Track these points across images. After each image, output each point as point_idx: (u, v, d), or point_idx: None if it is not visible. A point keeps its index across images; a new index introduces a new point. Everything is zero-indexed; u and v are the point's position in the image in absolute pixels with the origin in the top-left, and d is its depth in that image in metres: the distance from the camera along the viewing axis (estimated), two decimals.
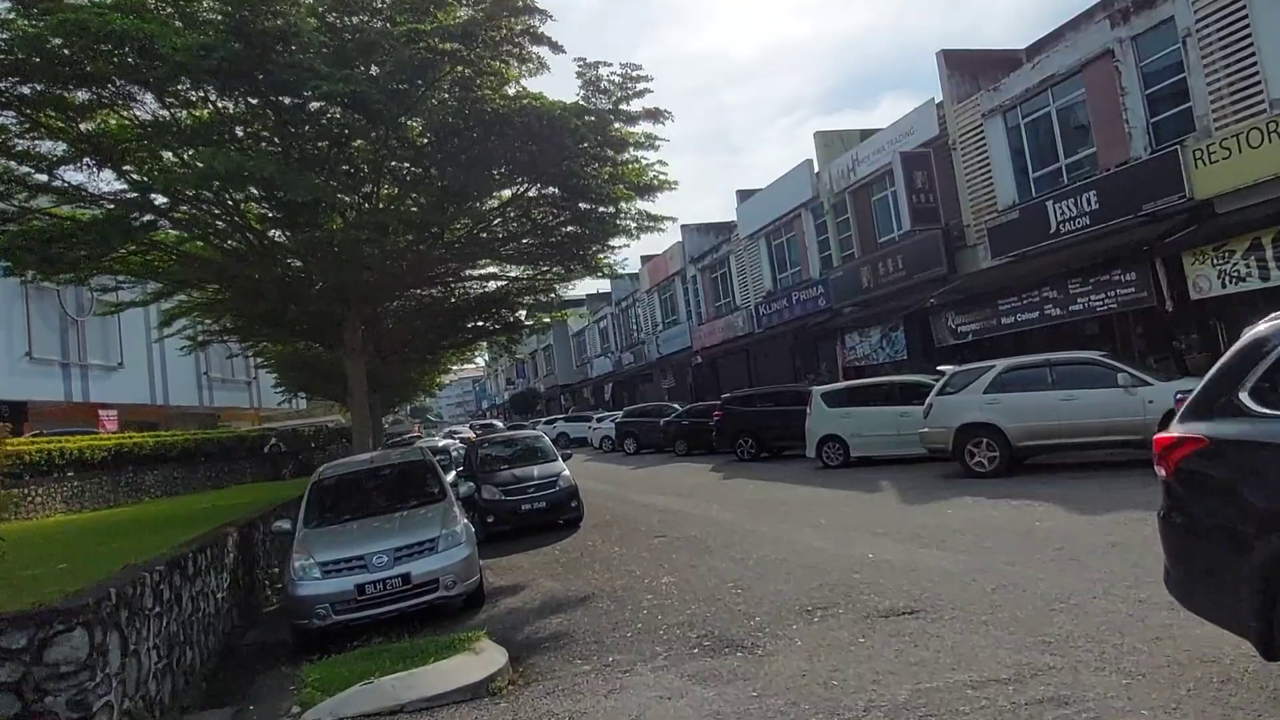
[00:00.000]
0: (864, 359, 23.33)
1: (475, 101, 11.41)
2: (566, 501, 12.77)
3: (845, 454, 16.30)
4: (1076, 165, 17.29)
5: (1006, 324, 18.03)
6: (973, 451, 12.54)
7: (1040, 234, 17.26)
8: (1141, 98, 15.56)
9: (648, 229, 15.70)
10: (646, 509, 13.87)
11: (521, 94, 11.77)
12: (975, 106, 19.44)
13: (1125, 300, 15.19)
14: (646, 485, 17.82)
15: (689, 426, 25.13)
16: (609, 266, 17.60)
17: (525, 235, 17.46)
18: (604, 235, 15.28)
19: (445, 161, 12.25)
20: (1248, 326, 4.07)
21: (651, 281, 42.11)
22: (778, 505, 12.24)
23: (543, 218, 16.02)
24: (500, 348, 26.30)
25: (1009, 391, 12.35)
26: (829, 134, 26.34)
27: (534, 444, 14.54)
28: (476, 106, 11.37)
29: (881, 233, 23.69)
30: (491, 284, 22.20)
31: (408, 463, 9.71)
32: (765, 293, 30.43)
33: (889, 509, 10.74)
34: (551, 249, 17.88)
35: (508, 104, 11.47)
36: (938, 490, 11.74)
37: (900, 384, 16.20)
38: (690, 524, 11.63)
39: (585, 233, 17.19)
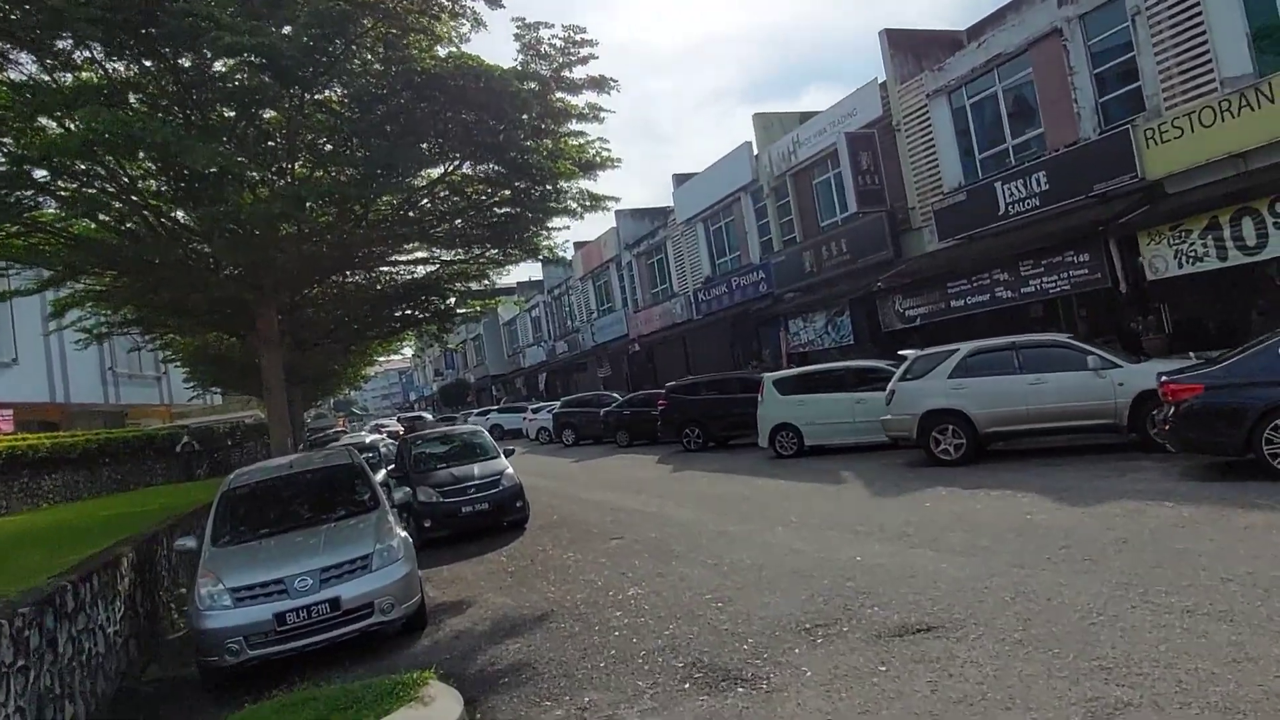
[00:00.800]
0: (808, 345, 22.87)
1: (402, 62, 10.24)
2: (511, 502, 11.77)
3: (799, 443, 15.71)
4: (1024, 146, 17.03)
5: (956, 307, 17.72)
6: (938, 439, 12.04)
7: (989, 215, 16.96)
8: (1090, 77, 15.33)
9: (591, 208, 14.73)
10: (596, 507, 12.98)
11: (456, 55, 10.65)
12: (920, 87, 19.04)
13: (1078, 282, 14.96)
14: (592, 480, 16.91)
15: (631, 416, 24.30)
16: (549, 249, 16.55)
17: (458, 216, 16.30)
18: (545, 215, 14.24)
19: (369, 132, 11.03)
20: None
21: (585, 268, 41.07)
22: (739, 501, 11.50)
23: (477, 196, 14.89)
24: (431, 337, 24.92)
25: (974, 376, 11.87)
26: (768, 116, 25.77)
27: (473, 440, 13.45)
28: (404, 67, 10.20)
29: (824, 216, 23.24)
30: (421, 269, 20.94)
31: (334, 466, 8.53)
32: (704, 278, 29.78)
33: (861, 503, 10.10)
34: (487, 231, 16.75)
35: (439, 65, 10.34)
36: (906, 481, 11.18)
37: (855, 369, 15.67)
38: (647, 524, 10.79)
39: (525, 214, 16.16)
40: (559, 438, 28.66)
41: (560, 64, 11.30)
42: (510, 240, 16.52)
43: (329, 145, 12.32)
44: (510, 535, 11.55)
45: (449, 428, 16.07)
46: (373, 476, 8.33)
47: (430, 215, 16.58)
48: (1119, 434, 11.11)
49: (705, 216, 29.35)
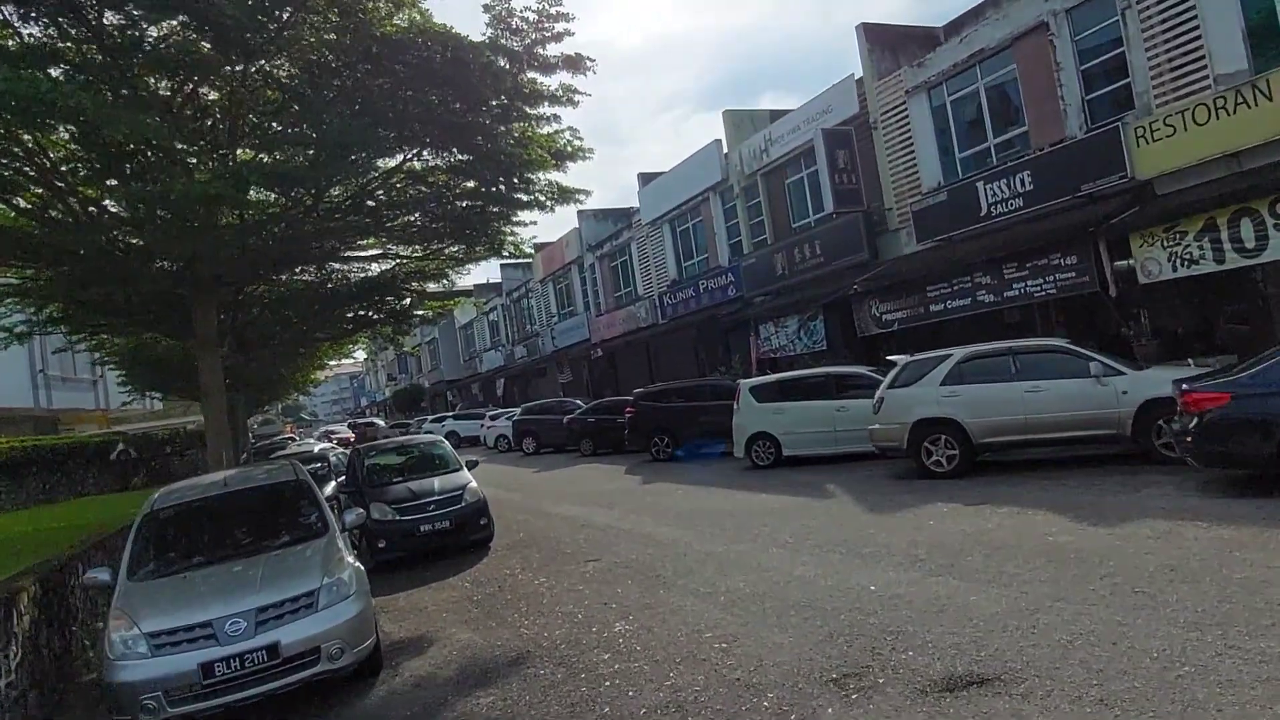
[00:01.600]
0: (779, 350, 22.20)
1: (359, 28, 9.23)
2: (475, 519, 10.78)
3: (777, 453, 14.97)
4: (1007, 145, 16.56)
5: (936, 311, 17.16)
6: (929, 450, 11.37)
7: (970, 217, 16.44)
8: (1077, 74, 14.88)
9: (561, 201, 13.83)
10: (567, 523, 12.05)
11: (419, 22, 9.67)
12: (898, 83, 18.51)
13: (1065, 285, 14.46)
14: (559, 492, 15.95)
15: (595, 424, 23.37)
16: (515, 245, 15.58)
17: (418, 208, 15.28)
18: (512, 208, 13.31)
19: (321, 109, 9.99)
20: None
21: (546, 271, 40.03)
22: (723, 517, 10.67)
23: (439, 187, 13.90)
24: (385, 339, 23.71)
25: (968, 383, 11.23)
26: (738, 114, 25.11)
27: (432, 451, 12.41)
28: (360, 34, 9.20)
29: (797, 217, 22.61)
30: (376, 267, 19.80)
31: (276, 484, 7.44)
32: (670, 281, 28.99)
33: (858, 520, 9.34)
34: (449, 225, 15.74)
35: (400, 33, 9.36)
36: (899, 495, 10.46)
37: (836, 376, 14.98)
38: (625, 543, 9.90)
39: (490, 207, 15.20)
40: (519, 446, 27.60)
41: (534, 39, 10.38)
42: (474, 235, 15.54)
43: (276, 126, 11.25)
44: (474, 556, 10.56)
45: (406, 437, 14.97)
46: (321, 496, 7.29)
47: (387, 207, 15.56)
48: (1119, 445, 10.54)
49: (672, 217, 28.58)
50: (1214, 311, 14.13)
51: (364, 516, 7.51)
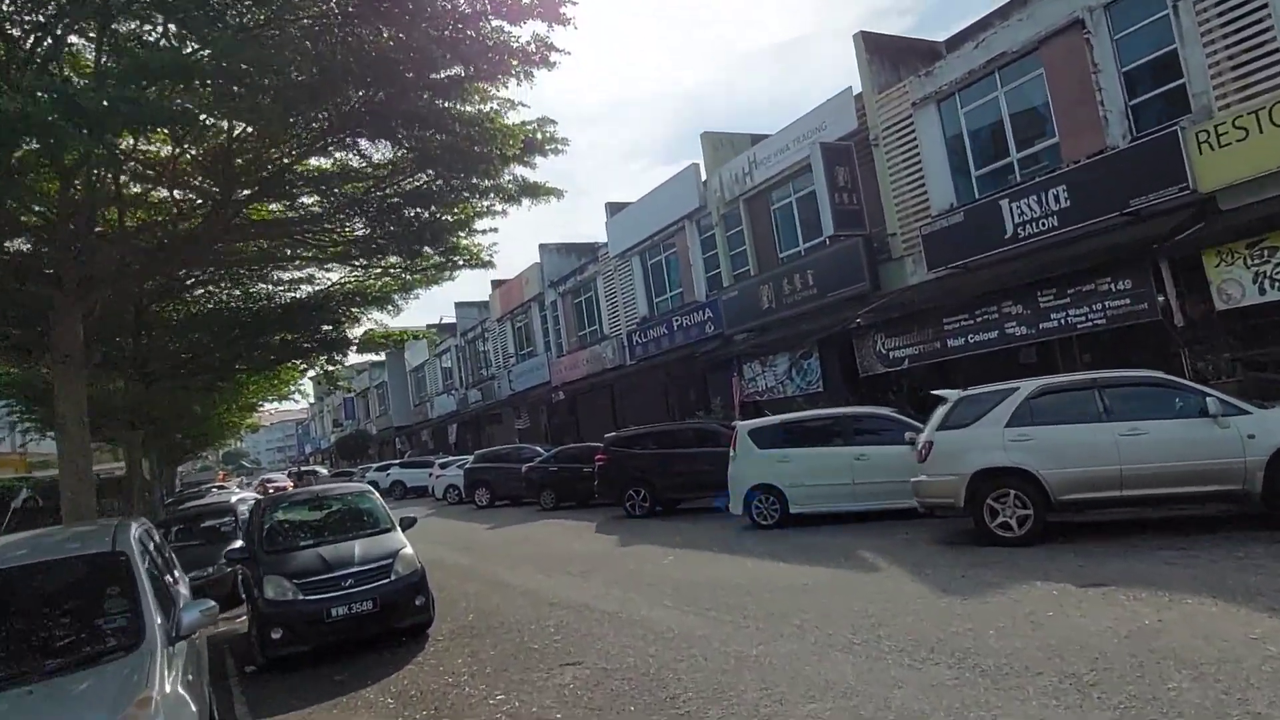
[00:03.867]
0: (767, 392, 19.87)
1: None
2: (408, 598, 8.02)
3: (781, 509, 12.49)
4: (1032, 159, 14.67)
5: (955, 347, 15.01)
6: (995, 508, 9.00)
7: (993, 239, 14.43)
8: (1118, 76, 13.07)
9: (530, 195, 11.44)
10: (530, 600, 9.34)
11: None
12: (904, 95, 16.64)
13: (1118, 314, 12.41)
14: (518, 555, 13.18)
15: (558, 473, 20.65)
16: (473, 254, 13.10)
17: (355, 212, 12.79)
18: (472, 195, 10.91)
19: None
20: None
21: (504, 309, 37.44)
22: (737, 595, 8.11)
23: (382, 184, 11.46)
24: (320, 373, 20.81)
25: (1043, 424, 8.93)
26: (717, 136, 23.15)
27: (357, 504, 9.61)
28: None
29: (785, 245, 20.51)
30: (305, 289, 17.09)
31: (69, 560, 4.72)
32: (639, 319, 26.65)
33: (935, 607, 6.85)
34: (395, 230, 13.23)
35: None
36: (970, 569, 8.04)
37: (852, 417, 12.63)
38: (614, 634, 7.27)
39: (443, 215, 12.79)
40: (471, 497, 24.67)
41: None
42: (422, 241, 13.03)
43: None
44: (405, 650, 7.80)
45: (323, 486, 12.10)
46: (142, 575, 4.55)
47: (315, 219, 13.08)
48: (1240, 504, 8.31)
49: (643, 249, 26.37)
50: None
51: (214, 612, 4.77)
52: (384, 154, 11.56)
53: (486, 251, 12.98)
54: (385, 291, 17.79)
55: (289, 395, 35.08)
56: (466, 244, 12.73)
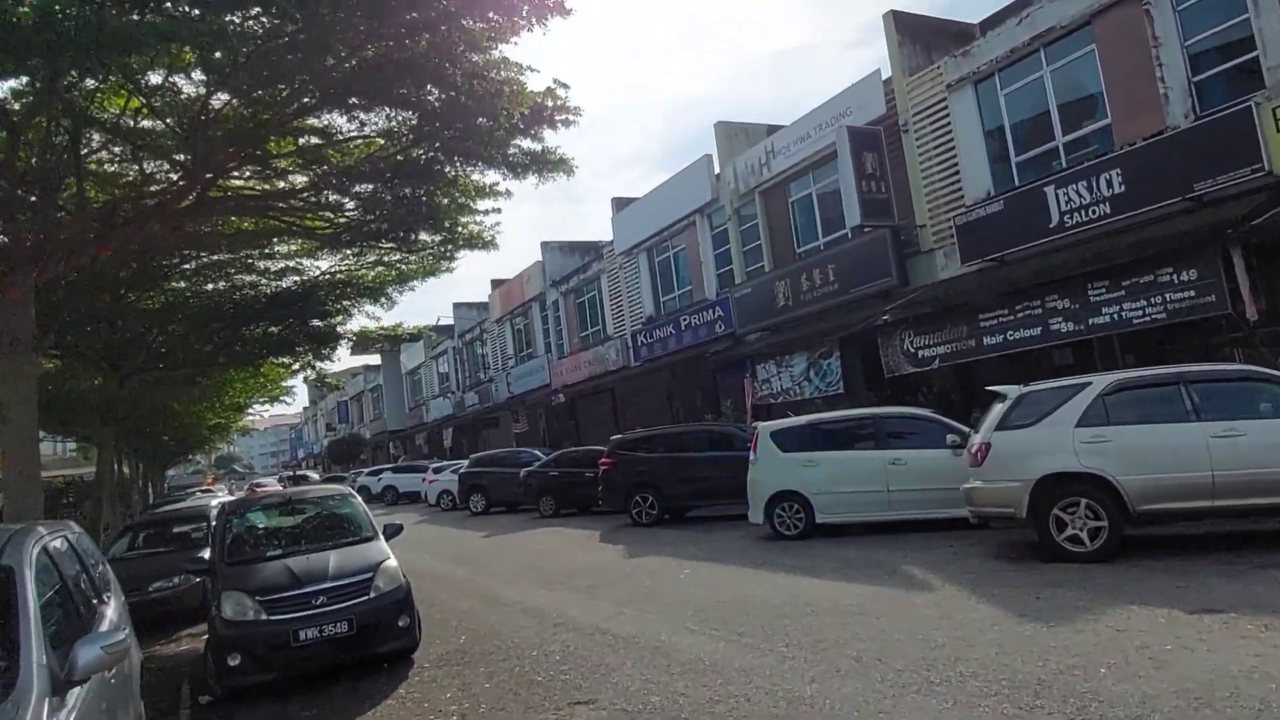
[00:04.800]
0: (782, 394, 18.72)
1: None
2: (390, 619, 6.85)
3: (806, 518, 11.34)
4: (1079, 143, 13.58)
5: (992, 345, 13.89)
6: (1063, 519, 7.86)
7: (1036, 229, 13.31)
8: (1181, 50, 11.98)
9: (537, 170, 10.33)
10: (531, 619, 8.17)
11: None
12: (937, 77, 15.56)
13: (1180, 307, 11.30)
14: (516, 567, 12.00)
15: (559, 478, 19.49)
16: (475, 234, 12.00)
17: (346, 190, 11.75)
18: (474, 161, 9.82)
19: None
20: None
21: (503, 309, 36.31)
22: (771, 617, 6.95)
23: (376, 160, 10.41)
24: (309, 370, 19.66)
25: (1121, 423, 7.81)
26: (732, 125, 22.06)
27: (335, 509, 8.44)
28: None
29: (803, 240, 19.41)
30: (292, 278, 15.99)
31: None
32: (645, 319, 25.53)
33: (1018, 636, 5.70)
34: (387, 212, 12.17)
35: None
36: (1042, 589, 6.89)
37: (885, 418, 11.47)
38: (632, 663, 6.12)
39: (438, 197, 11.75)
40: (465, 503, 23.48)
41: None
42: (419, 222, 11.95)
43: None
44: (386, 681, 6.63)
45: (295, 489, 10.88)
46: (28, 604, 3.41)
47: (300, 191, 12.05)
48: None
49: (651, 245, 25.27)
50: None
51: (122, 648, 3.61)
52: (377, 123, 10.53)
53: (489, 231, 11.83)
54: (379, 283, 16.70)
55: (280, 397, 33.98)
56: (466, 223, 11.59)
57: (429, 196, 11.93)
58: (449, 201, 12.27)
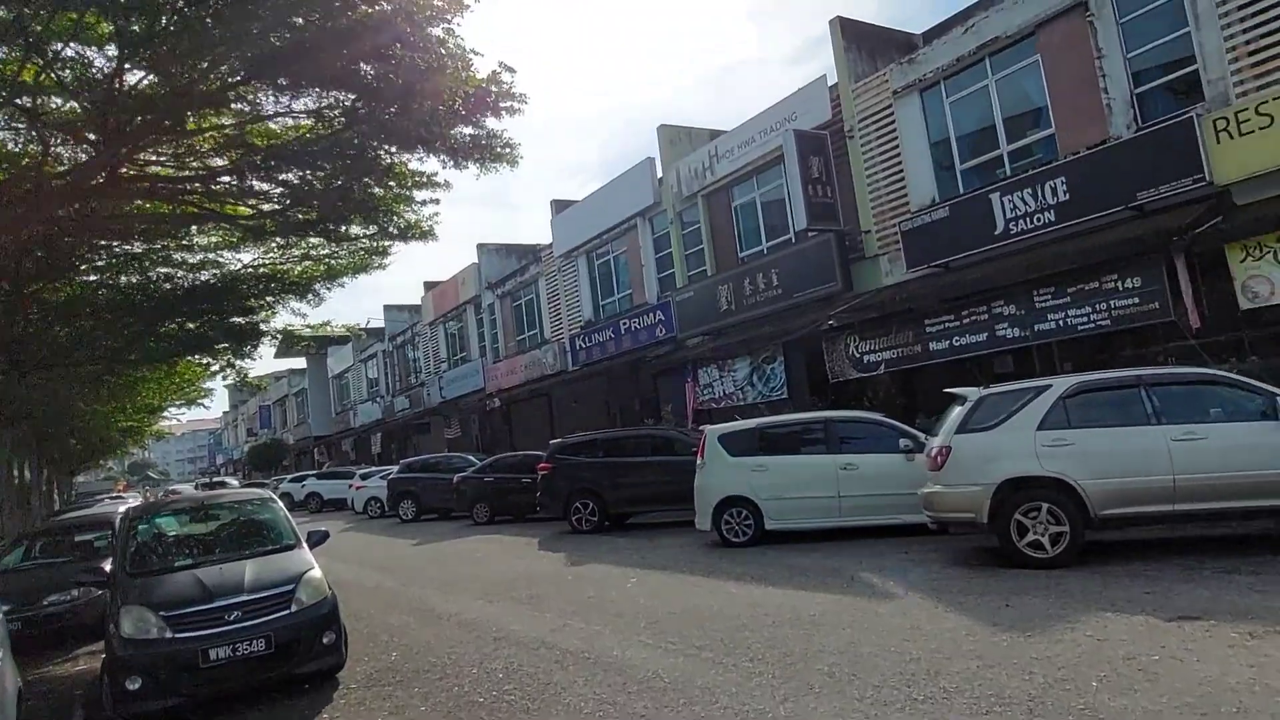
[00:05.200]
0: (725, 398, 18.44)
1: None
2: (313, 635, 6.18)
3: (756, 525, 11.00)
4: (1024, 152, 13.66)
5: (939, 350, 13.85)
6: (1024, 524, 7.67)
7: (981, 236, 13.33)
8: (1124, 61, 12.13)
9: (479, 158, 9.76)
10: (470, 633, 7.57)
11: None
12: (884, 84, 15.53)
13: (1125, 314, 11.37)
14: (451, 576, 11.32)
15: (494, 484, 18.81)
16: (412, 226, 11.34)
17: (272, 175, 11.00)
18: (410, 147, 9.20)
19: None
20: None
21: (437, 312, 35.30)
22: (733, 630, 6.53)
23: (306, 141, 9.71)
24: (229, 371, 18.53)
25: (1083, 426, 7.67)
26: (675, 129, 21.78)
27: (251, 515, 7.69)
28: None
29: (746, 244, 19.21)
30: (212, 272, 15.00)
31: None
32: (584, 322, 25.02)
33: (996, 647, 5.40)
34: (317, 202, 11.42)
35: None
36: (1001, 593, 6.66)
37: (837, 422, 11.22)
38: (584, 682, 5.61)
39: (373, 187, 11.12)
40: (395, 510, 22.51)
41: None
42: (349, 210, 11.24)
43: None
44: (308, 705, 5.96)
45: (210, 493, 10.00)
46: None
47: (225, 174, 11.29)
48: None
49: (590, 249, 24.78)
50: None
51: None
52: (307, 102, 9.87)
53: (427, 221, 11.19)
54: (306, 278, 15.80)
55: (197, 399, 32.30)
56: (402, 211, 10.93)
57: (362, 186, 11.26)
58: (384, 192, 11.62)
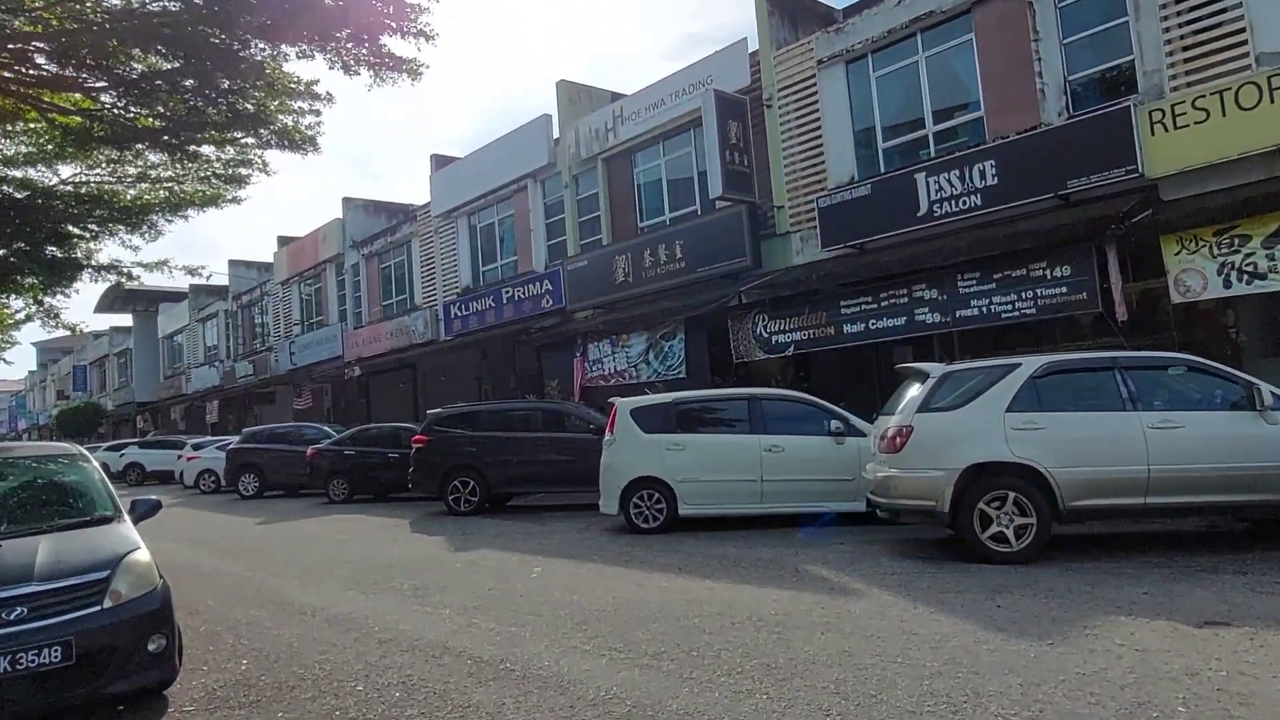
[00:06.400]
0: (615, 375, 17.27)
1: None
2: (132, 641, 4.43)
3: (668, 509, 9.91)
4: (949, 134, 13.26)
5: (853, 334, 13.24)
6: (988, 514, 6.94)
7: (904, 217, 12.82)
8: (1059, 47, 11.86)
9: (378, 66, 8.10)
10: (346, 634, 6.01)
11: None
12: (808, 52, 14.79)
13: (1051, 304, 11.05)
14: (311, 561, 9.53)
15: (355, 459, 16.83)
16: (288, 129, 9.44)
17: (106, 59, 8.88)
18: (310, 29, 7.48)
19: None
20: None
21: (291, 270, 32.17)
22: (686, 632, 5.37)
23: None
24: (34, 304, 15.60)
25: (1054, 410, 7.02)
26: (575, 86, 20.35)
27: (53, 476, 5.75)
28: None
29: (648, 214, 18.11)
30: (7, 186, 12.36)
31: None
32: (461, 289, 23.18)
33: (1016, 656, 4.51)
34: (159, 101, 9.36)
35: None
36: (981, 591, 5.87)
37: (763, 399, 10.28)
38: (511, 703, 4.27)
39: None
40: (234, 484, 19.93)
41: None
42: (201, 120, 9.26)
43: None
44: None
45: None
46: None
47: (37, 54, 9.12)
48: None
49: (473, 209, 22.96)
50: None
51: None
52: None
53: (310, 127, 9.36)
54: (140, 204, 13.38)
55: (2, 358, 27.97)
56: (273, 113, 9.06)
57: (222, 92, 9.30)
58: (253, 105, 9.66)
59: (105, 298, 43.96)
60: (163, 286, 44.42)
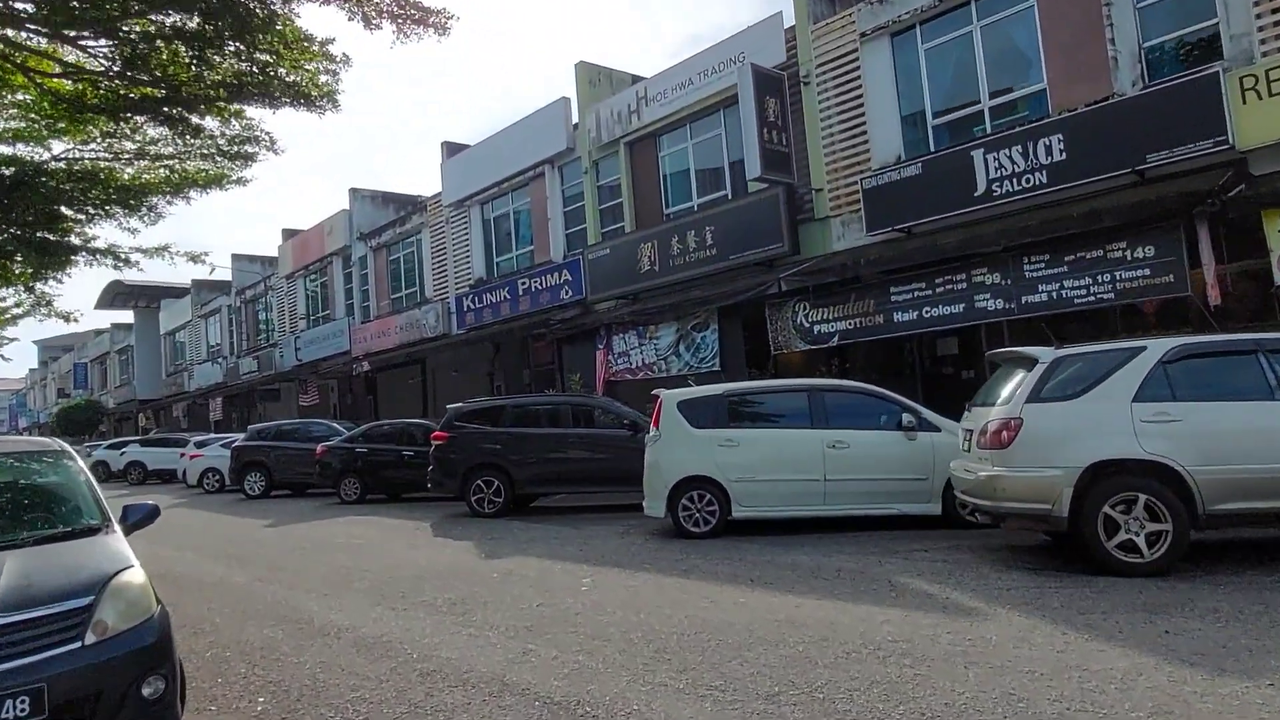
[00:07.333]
0: (644, 368, 16.33)
1: None
2: (123, 684, 3.53)
3: (720, 511, 8.99)
4: (1008, 108, 12.33)
5: (904, 322, 12.30)
6: (1115, 520, 6.01)
7: (959, 197, 11.90)
8: (1134, 12, 10.93)
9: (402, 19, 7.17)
10: (380, 663, 5.09)
11: None
12: (848, 26, 13.86)
13: (1132, 287, 10.12)
14: (328, 571, 8.59)
15: (368, 457, 15.91)
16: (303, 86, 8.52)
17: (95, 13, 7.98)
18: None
19: None
20: None
21: (296, 264, 31.26)
22: (797, 664, 4.46)
23: None
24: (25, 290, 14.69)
25: (1187, 399, 6.09)
26: (595, 68, 19.43)
27: (30, 478, 4.82)
28: None
29: (673, 200, 17.18)
30: None
31: None
32: (474, 281, 22.27)
33: (1244, 704, 3.58)
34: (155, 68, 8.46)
35: None
36: (1115, 610, 4.96)
37: (825, 391, 9.35)
38: None
39: None
40: (239, 484, 19.02)
41: None
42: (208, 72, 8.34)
43: None
44: None
45: None
46: None
47: None
48: None
49: (487, 198, 22.04)
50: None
51: None
52: None
53: (327, 83, 8.42)
54: (139, 183, 12.47)
55: None
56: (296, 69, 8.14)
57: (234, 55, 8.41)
58: (260, 67, 8.74)
59: (106, 294, 43.13)
60: (164, 281, 43.65)
